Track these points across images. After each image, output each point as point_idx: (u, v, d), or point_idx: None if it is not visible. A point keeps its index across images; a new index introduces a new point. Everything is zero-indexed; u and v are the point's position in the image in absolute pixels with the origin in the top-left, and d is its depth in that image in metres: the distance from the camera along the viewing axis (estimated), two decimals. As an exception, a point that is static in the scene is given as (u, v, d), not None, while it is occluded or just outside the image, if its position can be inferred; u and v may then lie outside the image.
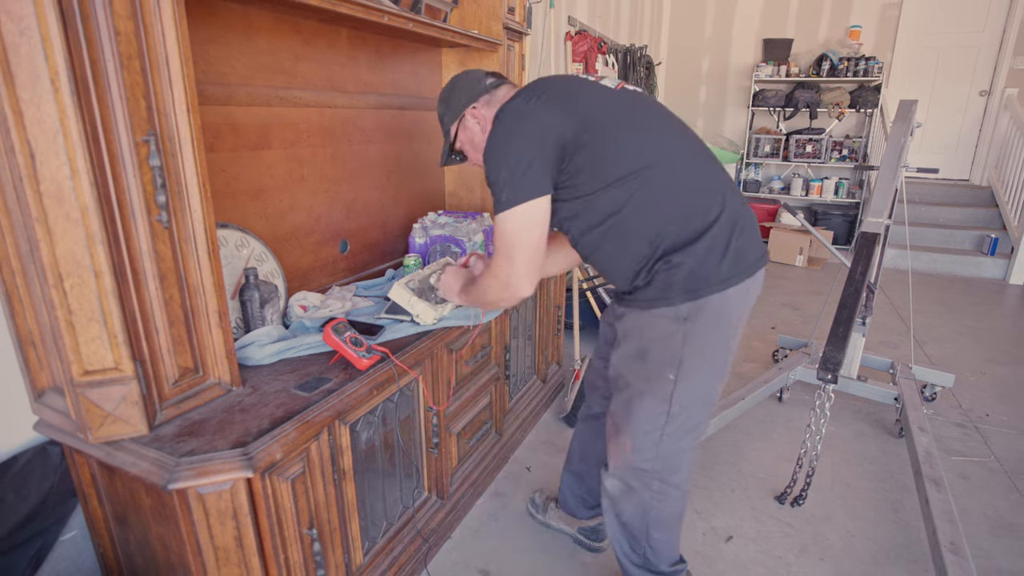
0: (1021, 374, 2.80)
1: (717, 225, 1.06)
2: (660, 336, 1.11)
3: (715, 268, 1.06)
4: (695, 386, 1.13)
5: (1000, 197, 4.86)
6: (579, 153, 1.05)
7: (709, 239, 1.06)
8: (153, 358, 0.96)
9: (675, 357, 1.10)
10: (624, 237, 1.08)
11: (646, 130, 1.10)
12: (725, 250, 1.06)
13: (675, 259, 1.05)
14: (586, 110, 1.07)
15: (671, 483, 1.22)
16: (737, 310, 1.11)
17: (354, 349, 1.20)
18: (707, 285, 1.06)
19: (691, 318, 1.07)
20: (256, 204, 1.46)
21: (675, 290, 1.06)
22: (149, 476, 0.90)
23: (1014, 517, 1.78)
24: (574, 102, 1.08)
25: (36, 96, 0.78)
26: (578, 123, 1.05)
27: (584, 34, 3.89)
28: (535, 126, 1.04)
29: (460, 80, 1.26)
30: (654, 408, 1.15)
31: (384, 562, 1.38)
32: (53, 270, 0.84)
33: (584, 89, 1.12)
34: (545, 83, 1.13)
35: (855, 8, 5.37)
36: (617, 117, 1.09)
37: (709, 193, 1.08)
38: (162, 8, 0.87)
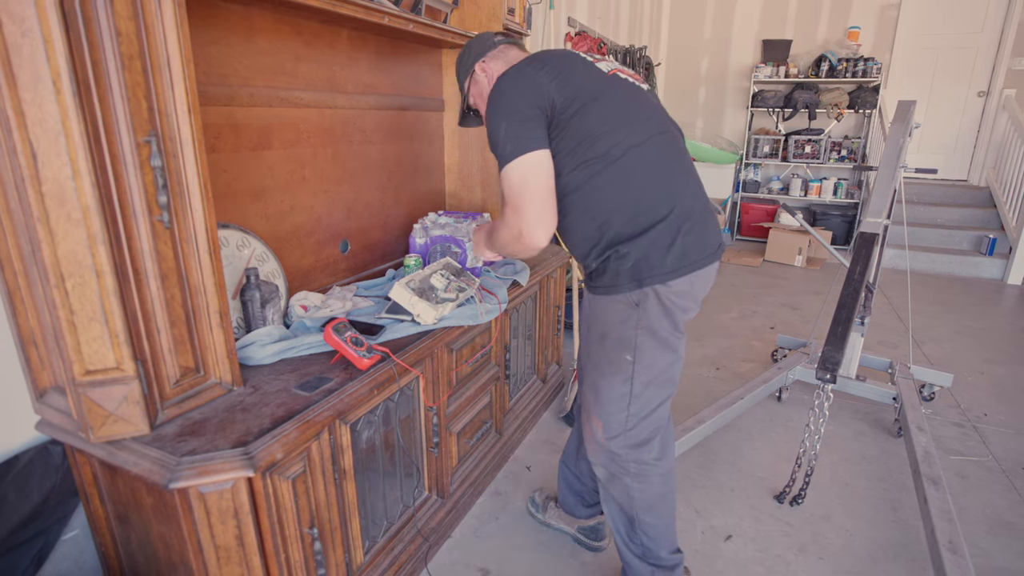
0: (1019, 374, 2.80)
1: (663, 223, 1.12)
2: (617, 321, 1.19)
3: (659, 260, 1.12)
4: (653, 366, 1.20)
5: (998, 197, 4.86)
6: (561, 124, 1.12)
7: (653, 235, 1.12)
8: (154, 358, 0.96)
9: (631, 340, 1.18)
10: (579, 213, 1.16)
11: (621, 119, 1.14)
12: (670, 245, 1.12)
13: (623, 249, 1.13)
14: (578, 87, 1.13)
15: (645, 462, 1.26)
16: (680, 300, 1.17)
17: (355, 349, 1.21)
18: (651, 275, 1.13)
19: (641, 304, 1.15)
20: (257, 204, 1.46)
21: (623, 278, 1.14)
22: (150, 475, 0.90)
23: (1012, 516, 1.78)
24: (567, 76, 1.13)
25: (38, 97, 0.78)
26: (568, 97, 1.11)
27: (584, 35, 3.89)
28: (532, 89, 1.11)
29: (474, 40, 1.34)
30: (618, 389, 1.22)
31: (384, 561, 1.38)
32: (55, 270, 0.84)
33: (579, 66, 1.17)
34: (548, 55, 1.19)
35: (854, 9, 5.37)
36: (600, 100, 1.13)
37: (661, 195, 1.14)
38: (163, 9, 0.87)
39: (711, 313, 3.60)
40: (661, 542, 1.32)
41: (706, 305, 3.74)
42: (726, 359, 2.93)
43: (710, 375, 2.74)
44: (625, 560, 1.36)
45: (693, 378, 2.70)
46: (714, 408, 2.12)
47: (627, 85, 1.20)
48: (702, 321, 3.46)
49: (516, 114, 1.09)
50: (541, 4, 3.35)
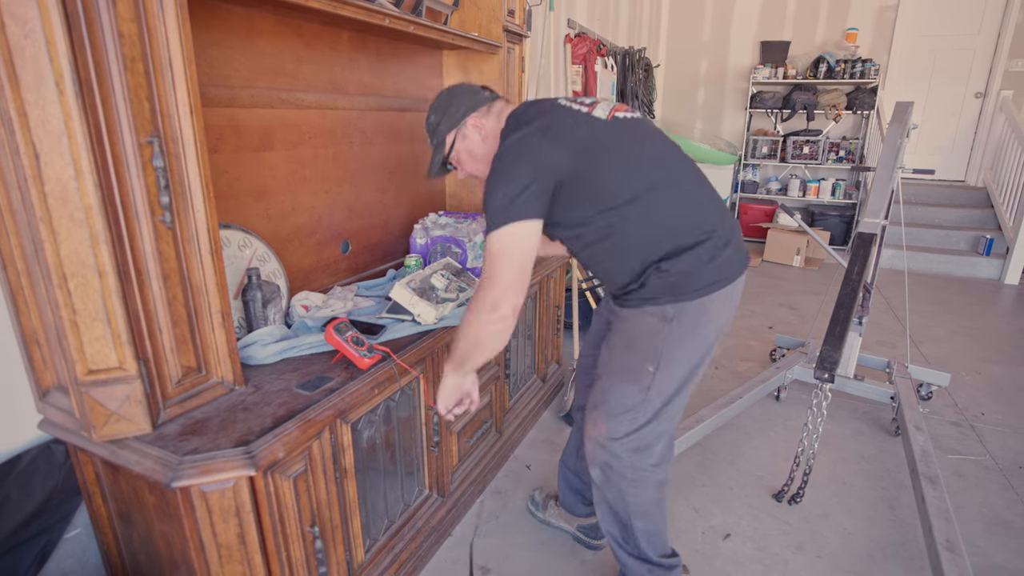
0: (1016, 373, 2.80)
1: (710, 241, 1.13)
2: (647, 332, 1.18)
3: (701, 274, 1.13)
4: (671, 380, 1.20)
5: (995, 198, 4.86)
6: (576, 186, 1.10)
7: (700, 250, 1.13)
8: (156, 357, 0.96)
9: (657, 352, 1.18)
10: (619, 254, 1.16)
11: (637, 162, 1.14)
12: (711, 260, 1.14)
13: (664, 266, 1.13)
14: (583, 145, 1.11)
15: (643, 468, 1.26)
16: (719, 313, 1.18)
17: (355, 348, 1.21)
18: (692, 290, 1.13)
19: (676, 319, 1.15)
20: (259, 205, 1.46)
21: (662, 291, 1.14)
22: (153, 474, 0.90)
23: (1009, 514, 1.78)
24: (570, 137, 1.11)
25: (41, 98, 0.78)
26: (576, 159, 1.09)
27: (583, 36, 3.89)
28: (539, 159, 1.08)
29: (458, 90, 1.27)
30: (632, 395, 1.22)
31: (385, 559, 1.38)
32: (57, 270, 0.84)
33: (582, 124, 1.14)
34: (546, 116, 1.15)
35: (852, 11, 5.37)
36: (610, 151, 1.12)
37: (697, 215, 1.15)
38: (165, 11, 0.87)
39: (710, 313, 3.60)
40: (656, 546, 1.33)
41: (705, 305, 3.74)
42: (725, 358, 2.93)
43: (709, 374, 2.74)
44: (621, 561, 1.36)
45: (692, 377, 2.70)
46: (713, 407, 2.12)
47: (629, 124, 1.18)
48: (701, 321, 3.45)
49: (519, 180, 1.06)
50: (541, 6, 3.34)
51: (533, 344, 2.19)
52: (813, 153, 5.52)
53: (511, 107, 1.26)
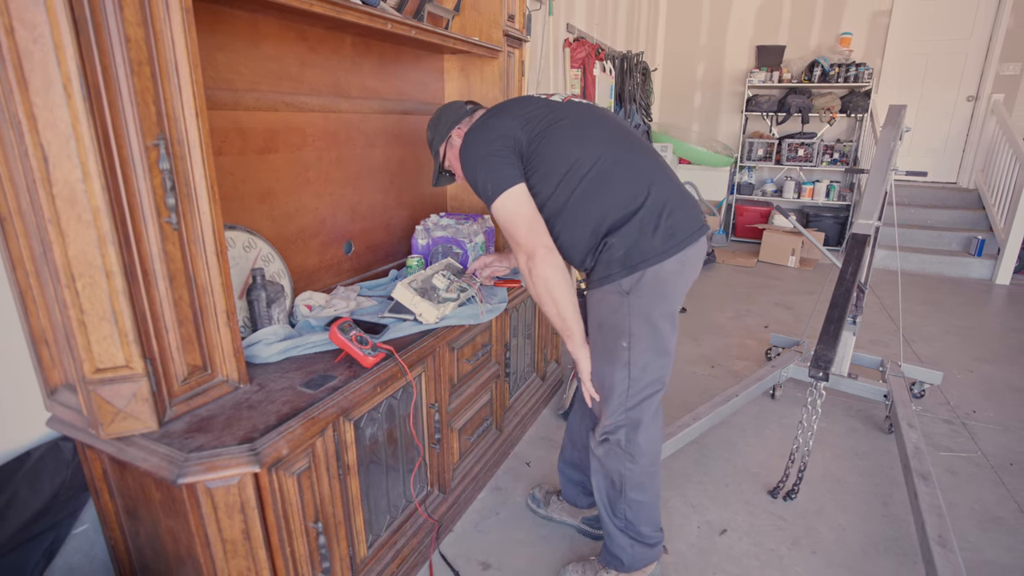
0: (1007, 372, 2.80)
1: (644, 209, 1.17)
2: (610, 310, 1.22)
3: (648, 244, 1.16)
4: (648, 350, 1.23)
5: (987, 200, 4.86)
6: (534, 153, 1.21)
7: (637, 221, 1.16)
8: (163, 356, 0.96)
9: (624, 327, 1.21)
10: (573, 226, 1.21)
11: (584, 135, 1.22)
12: (655, 228, 1.16)
13: (610, 240, 1.18)
14: (535, 120, 1.23)
15: (637, 442, 1.30)
16: (673, 280, 1.20)
17: (360, 347, 1.21)
18: (643, 260, 1.16)
19: (633, 291, 1.18)
20: (263, 206, 1.46)
21: (615, 267, 1.18)
22: (159, 471, 0.90)
23: (1000, 511, 1.78)
24: (525, 114, 1.24)
25: (49, 101, 0.78)
26: (529, 131, 1.21)
27: (582, 41, 3.89)
28: (496, 133, 1.21)
29: (445, 109, 1.43)
30: (616, 374, 1.25)
31: (388, 555, 1.38)
32: (66, 271, 0.84)
33: (534, 104, 1.27)
34: (503, 104, 1.32)
35: (846, 15, 5.37)
36: (560, 125, 1.22)
37: (634, 184, 1.19)
38: (172, 16, 0.87)
39: (707, 312, 3.60)
40: (643, 518, 1.36)
41: (701, 304, 3.74)
42: (721, 357, 2.93)
43: (705, 373, 2.74)
44: (607, 531, 1.40)
45: (689, 376, 2.70)
46: (709, 405, 2.12)
47: (581, 106, 1.29)
48: (697, 320, 3.46)
49: (488, 158, 1.19)
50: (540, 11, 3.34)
51: (533, 343, 2.19)
52: (808, 155, 5.52)
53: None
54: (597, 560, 1.45)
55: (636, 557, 1.38)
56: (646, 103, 5.12)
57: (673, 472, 1.94)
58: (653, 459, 1.34)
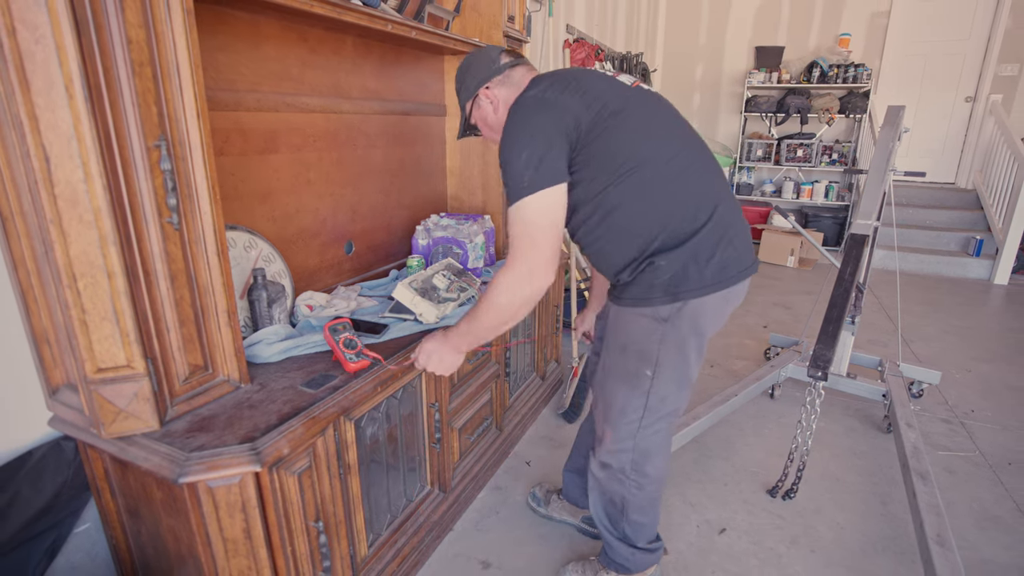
0: (1005, 371, 2.80)
1: (704, 231, 1.05)
2: (640, 334, 1.12)
3: (697, 274, 1.05)
4: (670, 382, 1.16)
5: (985, 200, 4.86)
6: (591, 144, 1.03)
7: (694, 245, 1.05)
8: (164, 356, 0.96)
9: (653, 355, 1.13)
10: (619, 235, 1.08)
11: (653, 131, 1.08)
12: (709, 258, 1.06)
13: (658, 261, 1.05)
14: (602, 102, 1.05)
15: (645, 471, 1.26)
16: (712, 315, 1.11)
17: (345, 351, 1.19)
18: (687, 290, 1.06)
19: (670, 320, 1.09)
20: (264, 207, 1.46)
21: (656, 291, 1.07)
22: (160, 470, 0.90)
23: (998, 510, 1.78)
24: (593, 92, 1.05)
25: (51, 102, 0.78)
26: (594, 113, 1.03)
27: (582, 42, 3.89)
28: (554, 114, 1.02)
29: (474, 58, 1.22)
30: (633, 401, 1.18)
31: (388, 554, 1.38)
32: (67, 271, 0.84)
33: (602, 82, 1.10)
34: (565, 74, 1.11)
35: (845, 16, 5.37)
36: (628, 114, 1.05)
37: (702, 200, 1.07)
38: (173, 17, 0.87)
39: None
40: (641, 536, 1.34)
41: (701, 305, 3.74)
42: (720, 357, 2.93)
43: (705, 372, 2.74)
44: (605, 540, 1.38)
45: (688, 376, 2.70)
46: (709, 405, 2.12)
47: (651, 96, 1.14)
48: (697, 320, 3.45)
49: (538, 143, 1.00)
50: (540, 11, 3.34)
51: (533, 343, 2.19)
52: (807, 156, 5.52)
53: (534, 74, 1.19)
54: (597, 560, 1.45)
55: (637, 562, 1.36)
56: (646, 104, 5.11)
57: (672, 471, 1.94)
58: (660, 484, 1.30)
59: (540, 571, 1.52)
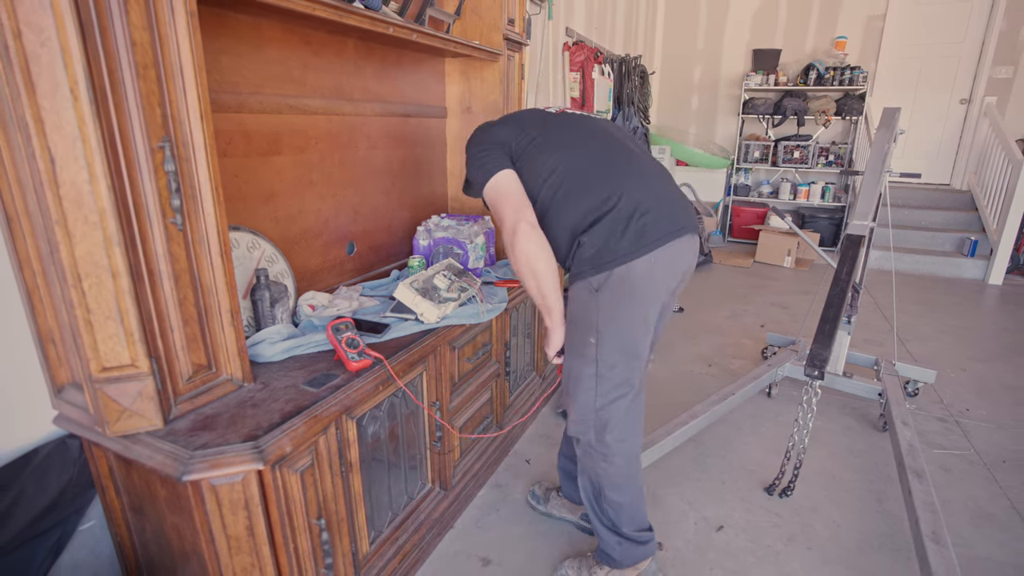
0: (1000, 371, 2.80)
1: (614, 211, 1.18)
2: (580, 306, 1.24)
3: (616, 245, 1.16)
4: (614, 349, 1.23)
5: (980, 201, 4.86)
6: (521, 161, 1.27)
7: (608, 222, 1.17)
8: (168, 355, 0.96)
9: (592, 324, 1.22)
10: (555, 228, 1.25)
11: (567, 142, 1.28)
12: (624, 230, 1.17)
13: (583, 240, 1.20)
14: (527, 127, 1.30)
15: (608, 443, 1.29)
16: (646, 281, 1.19)
17: (347, 351, 1.20)
18: (610, 260, 1.17)
19: (601, 289, 1.19)
20: (267, 208, 1.46)
21: (586, 265, 1.20)
22: (164, 468, 0.90)
23: (993, 508, 1.78)
24: (520, 124, 1.32)
25: (56, 104, 0.78)
26: (520, 138, 1.28)
27: (581, 44, 3.89)
28: (492, 137, 1.30)
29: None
30: (584, 370, 1.26)
31: (389, 551, 1.38)
32: (72, 271, 0.84)
33: (530, 114, 1.37)
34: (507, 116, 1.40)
35: (841, 19, 5.37)
36: (547, 133, 1.29)
37: (610, 189, 1.20)
38: (177, 20, 0.87)
39: (704, 312, 3.60)
40: (624, 519, 1.35)
41: (699, 304, 3.74)
42: (718, 356, 2.93)
43: (702, 372, 2.74)
44: (596, 529, 1.40)
45: (686, 374, 2.70)
46: (706, 404, 2.12)
47: (571, 116, 1.36)
48: (695, 319, 3.46)
49: (481, 151, 1.27)
50: (540, 14, 3.35)
51: (532, 342, 2.19)
52: (803, 157, 5.52)
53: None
54: (593, 556, 1.45)
55: (626, 554, 1.37)
56: (644, 106, 5.12)
57: (671, 469, 1.94)
58: (629, 459, 1.33)
59: (540, 568, 1.52)
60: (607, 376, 1.24)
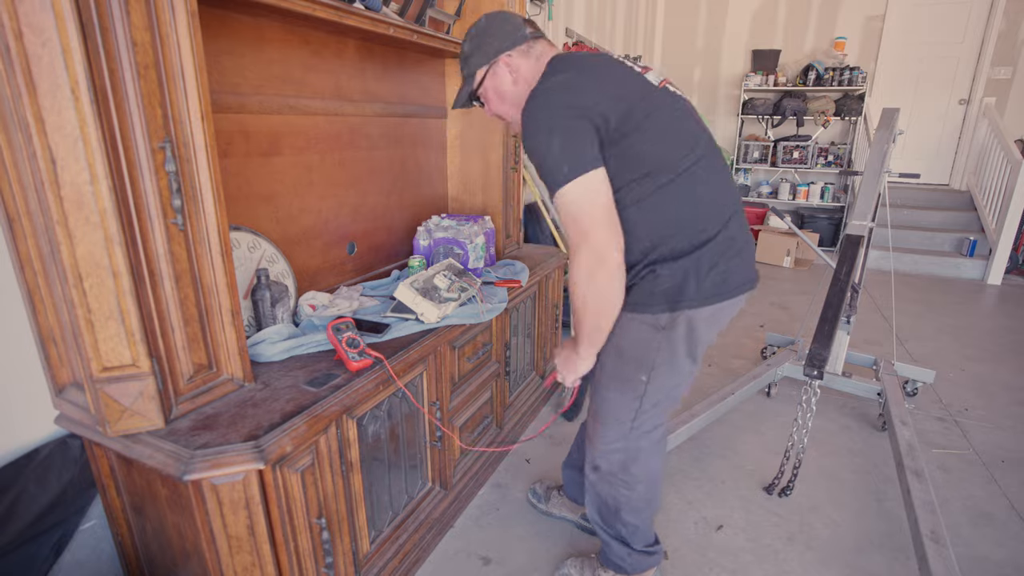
0: (998, 370, 2.80)
1: (710, 245, 1.04)
2: (638, 340, 1.11)
3: (696, 285, 1.05)
4: (663, 389, 1.16)
5: (978, 201, 4.86)
6: (616, 143, 1.00)
7: (697, 257, 1.04)
8: (169, 355, 0.96)
9: (649, 361, 1.12)
10: (629, 233, 1.04)
11: (674, 137, 1.05)
12: (709, 270, 1.05)
13: (660, 270, 1.05)
14: (630, 102, 1.01)
15: (632, 472, 1.24)
16: (708, 327, 1.11)
17: (348, 350, 1.19)
18: (686, 300, 1.05)
19: (667, 328, 1.09)
20: (267, 208, 1.46)
21: (656, 299, 1.06)
22: (165, 468, 0.90)
23: (992, 507, 1.78)
24: (621, 89, 1.02)
25: (57, 104, 0.78)
26: (622, 111, 0.99)
27: (581, 45, 3.89)
28: (583, 101, 0.98)
29: (496, 21, 1.14)
30: (626, 404, 1.18)
31: (390, 550, 1.38)
32: (73, 271, 0.84)
33: (629, 79, 1.05)
34: (594, 61, 1.06)
35: (840, 20, 5.37)
36: (654, 118, 1.02)
37: (713, 213, 1.05)
38: (177, 20, 0.87)
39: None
40: (636, 538, 1.32)
41: (698, 304, 3.74)
42: (718, 356, 2.93)
43: (703, 371, 2.74)
44: (603, 540, 1.37)
45: (686, 374, 2.69)
46: (706, 403, 2.12)
47: (677, 99, 1.09)
48: (694, 320, 3.45)
49: (570, 130, 0.96)
50: (540, 15, 3.34)
51: (533, 342, 2.19)
52: (803, 158, 5.52)
53: (554, 51, 1.13)
54: (596, 558, 1.44)
55: (634, 563, 1.35)
56: (644, 106, 5.12)
57: (670, 469, 1.94)
58: (651, 486, 1.28)
59: (540, 567, 1.52)
60: (648, 412, 1.17)
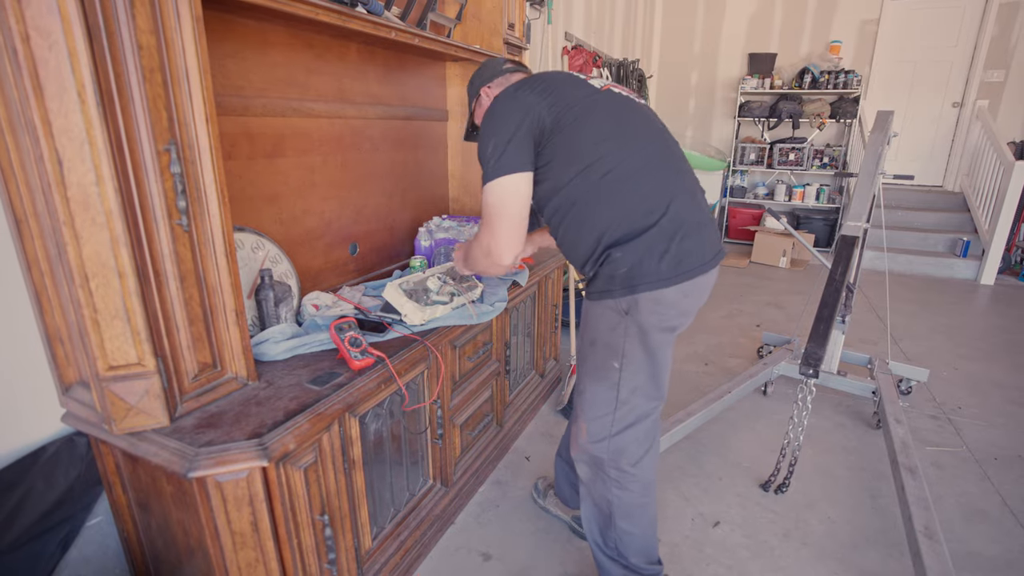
0: (991, 369, 2.80)
1: (657, 227, 1.06)
2: (606, 327, 1.13)
3: (653, 268, 1.06)
4: (639, 374, 1.15)
5: (972, 202, 4.86)
6: (553, 140, 1.09)
7: (647, 239, 1.06)
8: (174, 354, 0.96)
9: (619, 347, 1.13)
10: (579, 226, 1.11)
11: (612, 131, 1.11)
12: (664, 253, 1.06)
13: (614, 254, 1.07)
14: (567, 102, 1.10)
15: (624, 469, 1.21)
16: (674, 310, 1.10)
17: (350, 349, 1.19)
18: (644, 282, 1.06)
19: (631, 312, 1.09)
20: (271, 209, 1.46)
21: (615, 283, 1.08)
22: (170, 465, 0.90)
23: (985, 504, 1.78)
24: (559, 94, 1.12)
25: (64, 107, 0.78)
26: (558, 112, 1.09)
27: (580, 48, 3.89)
28: (519, 109, 1.09)
29: (484, 64, 1.35)
30: (604, 395, 1.17)
31: (391, 546, 1.38)
32: (79, 271, 0.84)
33: (571, 84, 1.15)
34: (540, 76, 1.19)
35: (835, 24, 5.37)
36: (593, 114, 1.11)
37: (655, 198, 1.08)
38: (182, 24, 0.87)
39: (701, 312, 3.60)
40: (635, 550, 1.26)
41: (695, 304, 3.74)
42: (714, 355, 2.93)
43: (699, 370, 2.74)
44: (598, 561, 1.31)
45: (683, 373, 2.70)
46: (703, 402, 2.12)
47: (619, 98, 1.17)
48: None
49: (504, 134, 1.07)
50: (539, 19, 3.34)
51: (532, 341, 2.19)
52: (798, 160, 5.52)
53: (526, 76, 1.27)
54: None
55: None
56: (642, 109, 5.12)
57: (668, 466, 1.94)
58: (645, 488, 1.24)
59: (540, 563, 1.52)
60: (628, 400, 1.16)
